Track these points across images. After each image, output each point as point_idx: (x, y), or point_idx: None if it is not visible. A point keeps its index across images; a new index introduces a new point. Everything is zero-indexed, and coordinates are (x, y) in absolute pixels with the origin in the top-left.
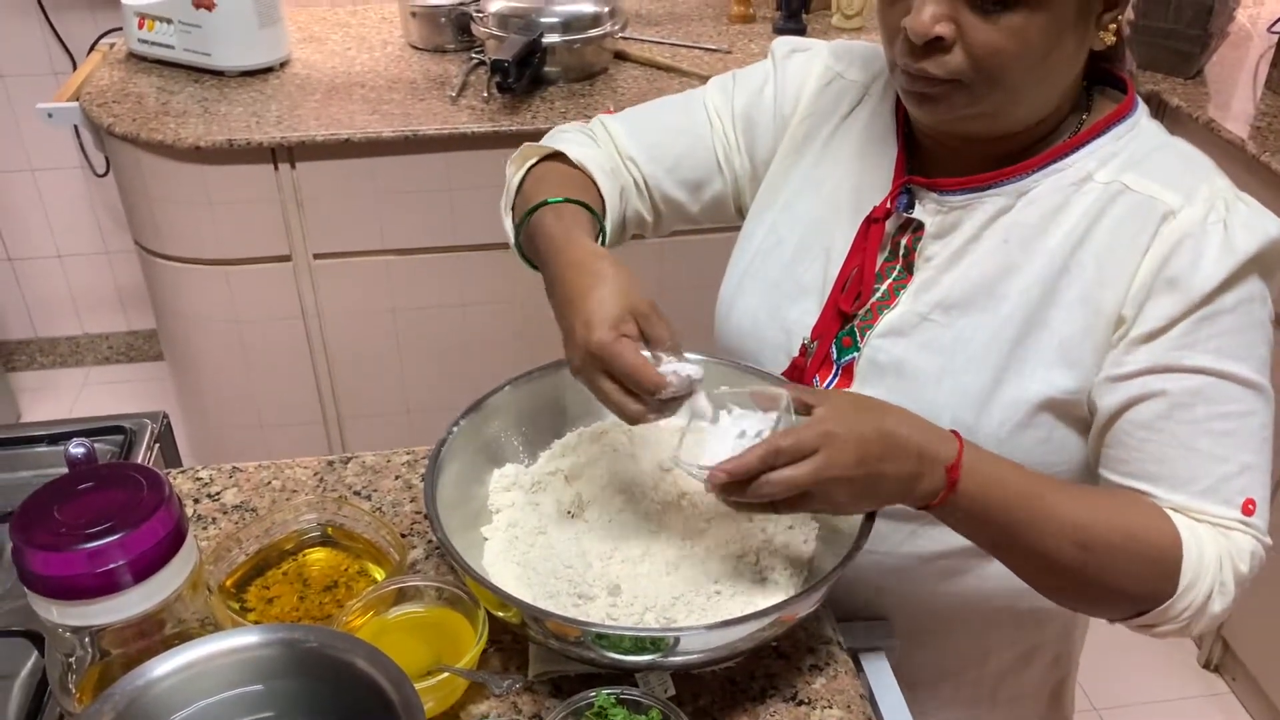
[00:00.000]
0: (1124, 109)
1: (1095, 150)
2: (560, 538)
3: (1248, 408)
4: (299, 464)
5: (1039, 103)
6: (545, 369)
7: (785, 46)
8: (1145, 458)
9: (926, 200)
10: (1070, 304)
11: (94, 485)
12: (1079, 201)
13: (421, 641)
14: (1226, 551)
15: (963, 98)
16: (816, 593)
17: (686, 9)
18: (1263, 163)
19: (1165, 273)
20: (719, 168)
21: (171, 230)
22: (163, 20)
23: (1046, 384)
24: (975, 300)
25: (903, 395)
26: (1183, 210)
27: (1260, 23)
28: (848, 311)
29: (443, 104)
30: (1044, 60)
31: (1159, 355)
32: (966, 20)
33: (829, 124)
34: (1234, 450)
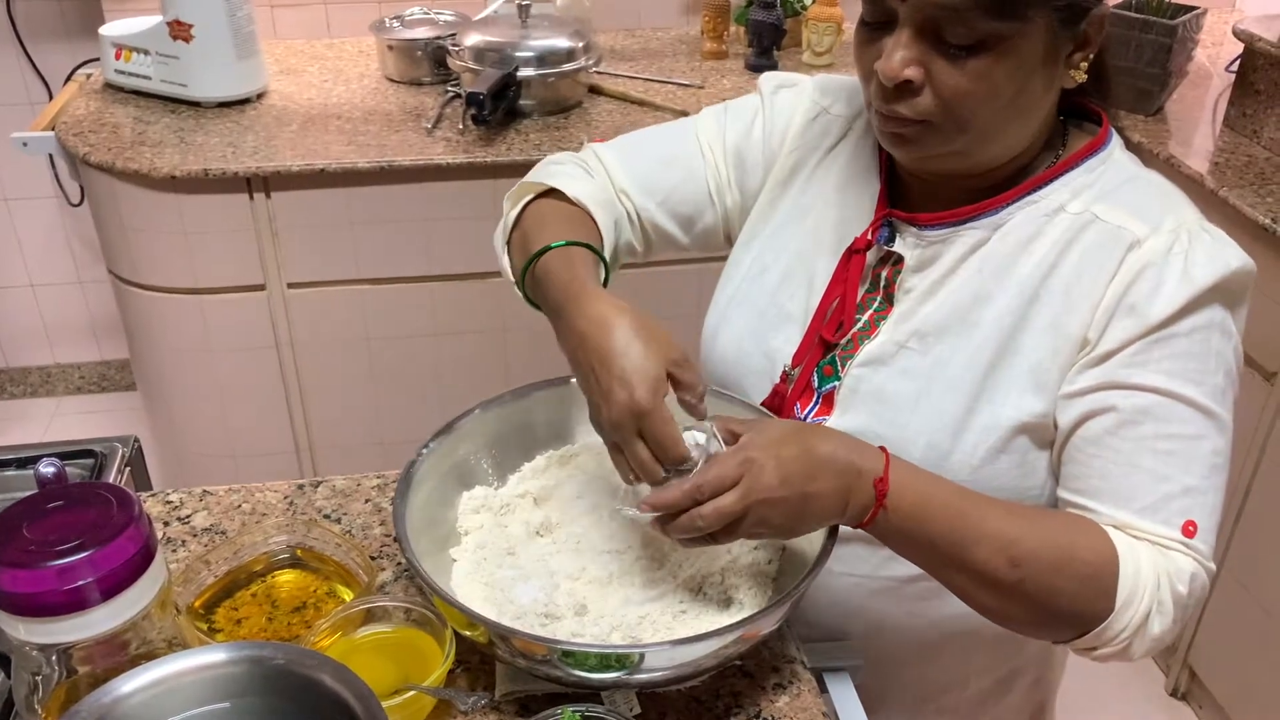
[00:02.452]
0: (1097, 142)
1: (1069, 182)
2: (528, 559)
3: (1196, 431)
4: (269, 487)
5: (1010, 141)
6: (515, 393)
7: (772, 82)
8: (1091, 473)
9: (906, 234)
10: (1041, 330)
11: (63, 504)
12: (1050, 231)
13: (389, 661)
14: (1165, 571)
15: (934, 138)
16: (779, 610)
17: (660, 45)
18: (1221, 197)
19: (1126, 299)
20: (711, 200)
21: (146, 259)
22: (140, 51)
23: (1019, 409)
24: (950, 328)
25: (881, 421)
26: (1148, 240)
27: (1219, 62)
28: (830, 340)
29: (418, 136)
30: (1012, 101)
31: (1110, 373)
32: (935, 64)
33: (814, 156)
34: (1178, 471)
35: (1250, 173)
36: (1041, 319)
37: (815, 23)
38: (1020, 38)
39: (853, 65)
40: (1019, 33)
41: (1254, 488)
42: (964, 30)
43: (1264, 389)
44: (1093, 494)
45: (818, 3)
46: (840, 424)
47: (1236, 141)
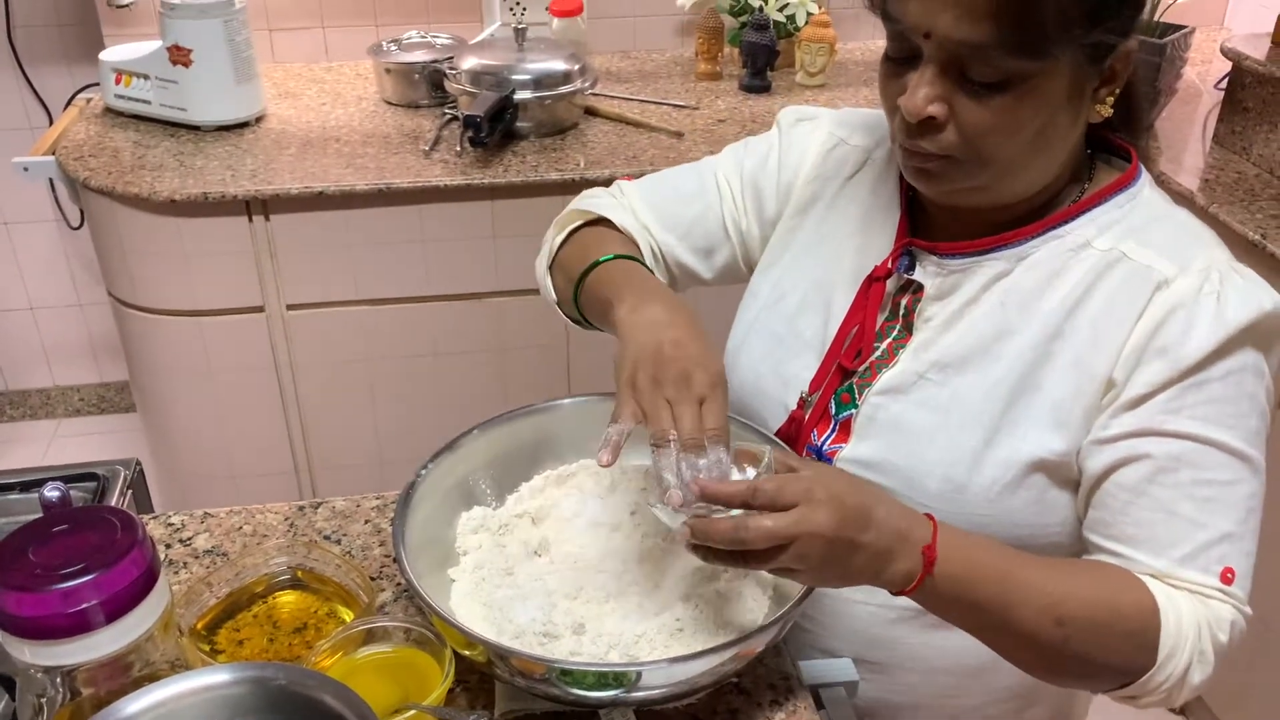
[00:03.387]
0: (1126, 179)
1: (1095, 217)
2: (526, 578)
3: (1232, 476)
4: (270, 509)
5: (1034, 176)
6: (512, 414)
7: (791, 116)
8: (1127, 521)
9: (927, 263)
10: (1063, 367)
11: (68, 528)
12: (1076, 267)
13: (390, 681)
14: (1205, 620)
15: (957, 173)
16: (774, 628)
17: (655, 67)
18: (1211, 214)
19: (1156, 341)
20: (727, 234)
21: (146, 282)
22: (140, 76)
23: (1038, 445)
24: (971, 360)
25: (897, 451)
26: (1177, 280)
27: (1209, 79)
28: (849, 368)
29: (416, 158)
30: (1036, 137)
31: (1144, 419)
32: (958, 101)
33: (833, 186)
34: (1215, 517)
35: (1240, 189)
36: (1065, 356)
37: (808, 44)
38: (1045, 76)
39: (844, 85)
40: (1044, 71)
41: None
42: (988, 68)
43: None
44: (1129, 541)
45: (810, 24)
46: (857, 452)
47: (1226, 158)
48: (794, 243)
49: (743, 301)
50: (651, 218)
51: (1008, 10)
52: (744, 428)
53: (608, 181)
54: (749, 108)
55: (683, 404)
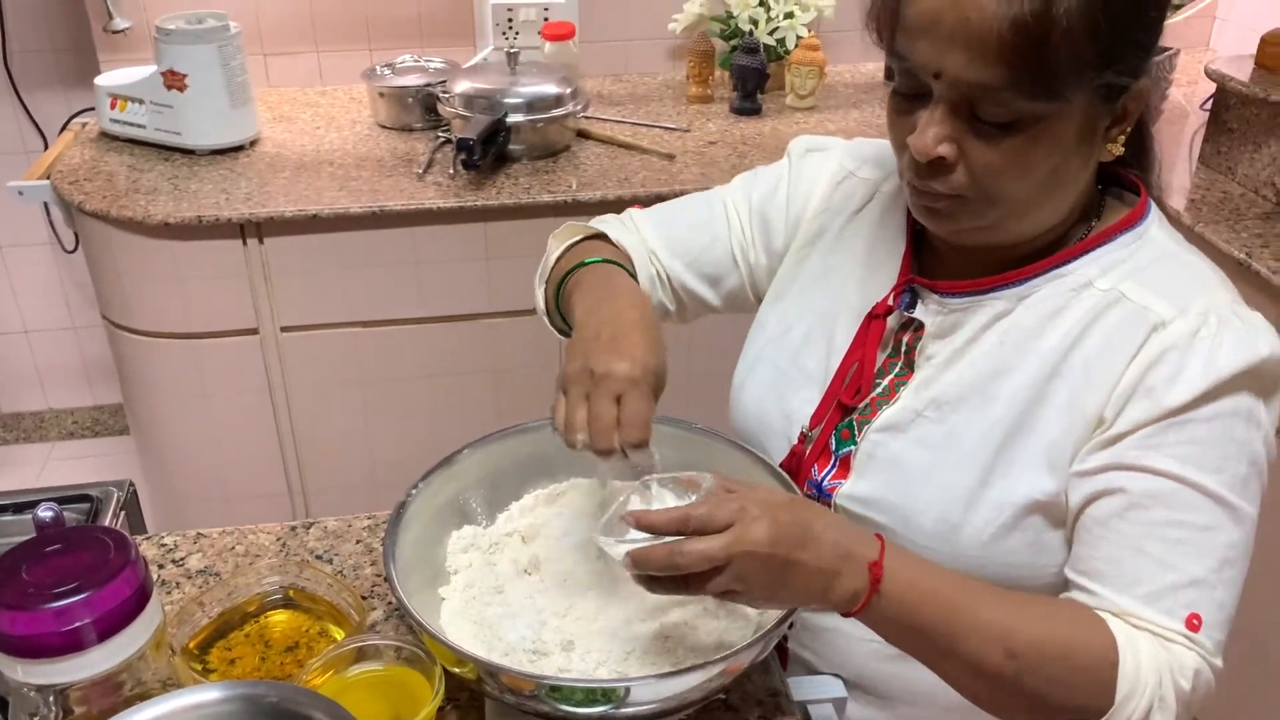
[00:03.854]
0: (1133, 217)
1: (1099, 257)
2: (516, 596)
3: (1209, 521)
4: (262, 529)
5: (1044, 216)
6: (503, 432)
7: (802, 146)
8: (1096, 555)
9: (929, 300)
10: (1058, 408)
11: (62, 547)
12: (1077, 306)
13: (380, 699)
14: (1167, 665)
15: (966, 212)
16: (761, 644)
17: (646, 90)
18: (1197, 233)
19: (1145, 381)
20: (735, 262)
21: (140, 305)
22: (135, 100)
23: (1032, 487)
24: (968, 399)
25: (894, 490)
26: (1173, 322)
27: (1195, 100)
28: (848, 404)
29: (409, 180)
30: (1047, 179)
31: (1121, 454)
32: (968, 142)
33: (840, 219)
34: (1185, 561)
35: (1225, 208)
36: (1060, 396)
37: (798, 66)
38: (1057, 117)
39: (834, 108)
40: (1056, 112)
41: None
42: (999, 109)
43: None
44: (1096, 576)
45: (800, 47)
46: (856, 489)
47: (1212, 178)
48: (801, 275)
49: (750, 333)
50: (660, 245)
51: (1020, 52)
52: (752, 459)
53: (600, 203)
54: (739, 130)
55: (599, 401)
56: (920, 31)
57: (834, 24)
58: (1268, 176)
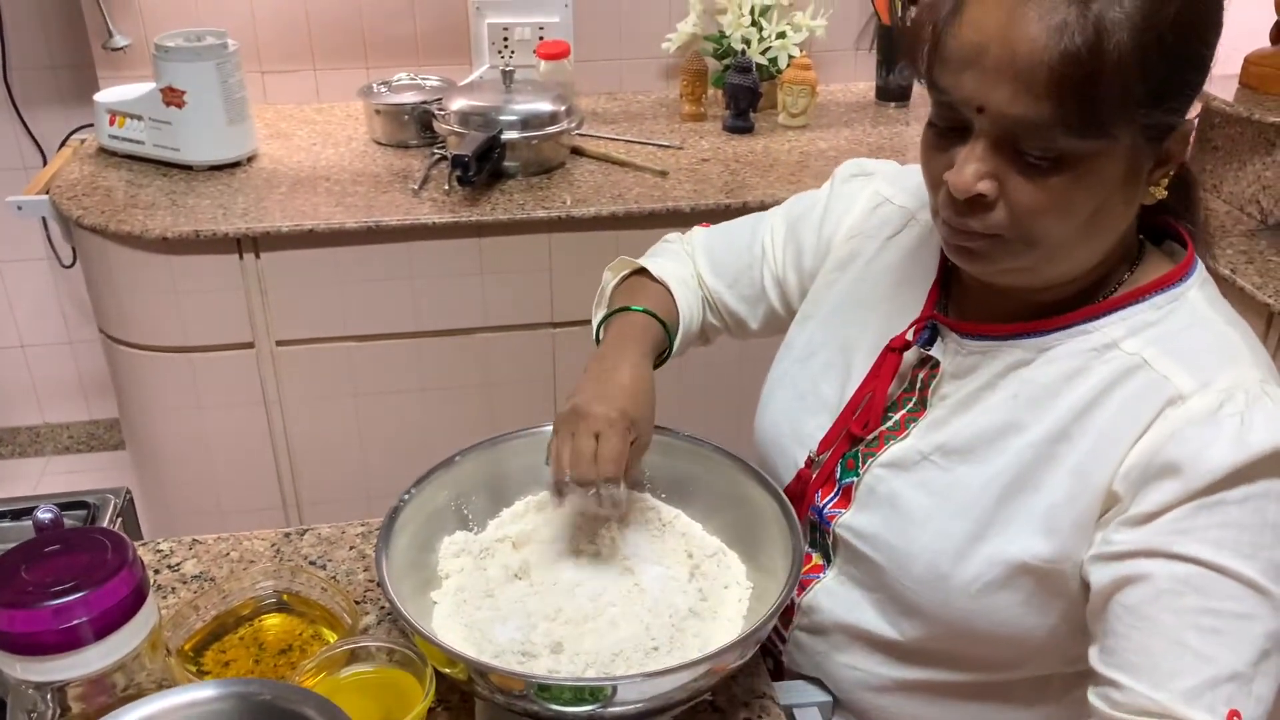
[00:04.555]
0: (1174, 275)
1: (1128, 316)
2: (506, 600)
3: (1247, 610)
4: (256, 535)
5: (1082, 258)
6: (493, 441)
7: (848, 171)
8: (1130, 647)
9: (948, 339)
10: (1063, 472)
11: (60, 548)
12: (1097, 370)
13: (372, 700)
14: None
15: (1003, 253)
16: (744, 643)
17: (640, 108)
18: None
19: (1163, 457)
20: (765, 288)
21: (137, 319)
22: (134, 117)
23: (1024, 549)
24: (975, 450)
25: (890, 529)
26: (1193, 397)
27: None
28: (857, 435)
29: (405, 196)
30: (1089, 221)
31: (1151, 538)
32: (1010, 179)
33: (872, 245)
34: (1224, 652)
35: (1210, 226)
36: (1067, 461)
37: (790, 85)
38: (1102, 156)
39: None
40: (1102, 151)
41: None
42: (1044, 146)
43: None
44: (1130, 669)
45: (792, 66)
46: (855, 521)
47: None
48: (829, 299)
49: (779, 351)
50: (706, 265)
51: (1070, 88)
52: (758, 480)
53: (593, 219)
54: (732, 148)
55: (581, 438)
56: (964, 64)
57: (826, 44)
58: (1252, 194)
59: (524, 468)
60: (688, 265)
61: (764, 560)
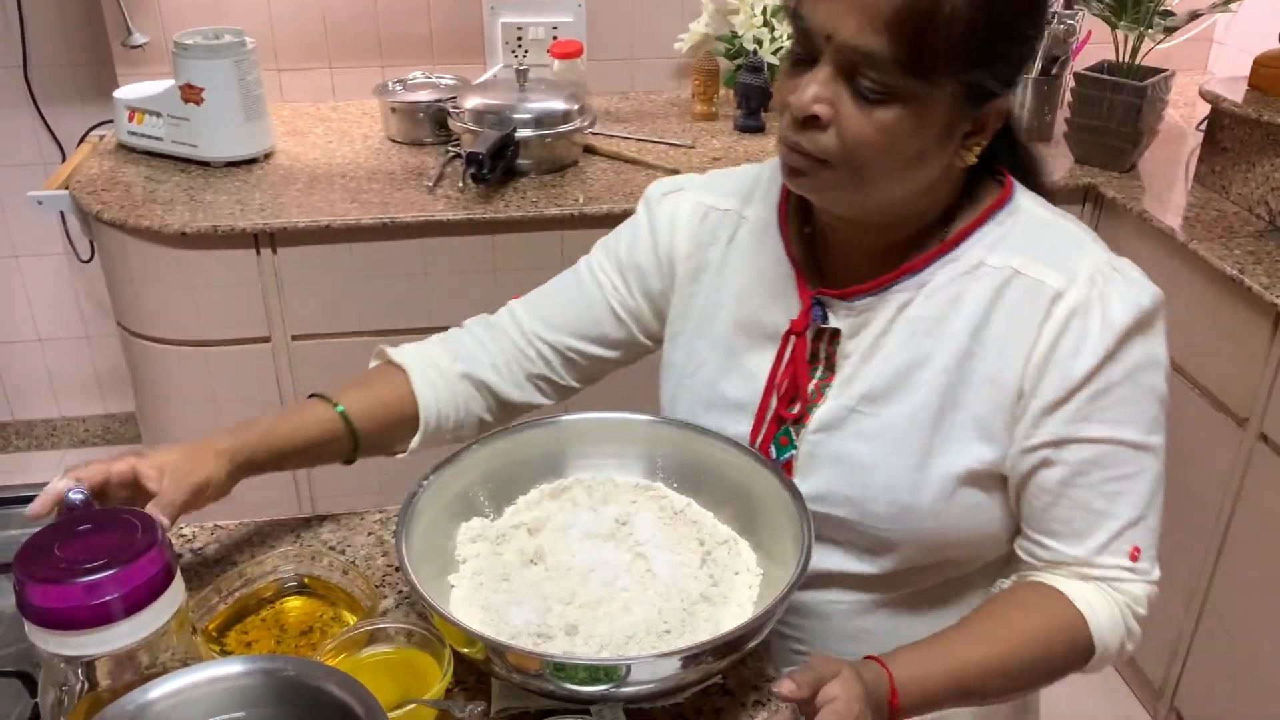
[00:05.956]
0: (1004, 197)
1: (982, 238)
2: (522, 584)
3: (1137, 468)
4: (277, 522)
5: (895, 195)
6: (509, 429)
7: (658, 191)
8: (1049, 518)
9: (837, 308)
10: (979, 384)
11: (92, 527)
12: (974, 288)
13: (391, 679)
14: (1123, 605)
15: (828, 177)
16: (754, 626)
17: (653, 107)
18: (1191, 250)
19: (1057, 351)
20: (616, 317)
21: (155, 313)
22: (152, 113)
23: (968, 458)
24: (895, 389)
25: (843, 483)
26: (1068, 291)
27: (1191, 121)
28: (788, 418)
29: (420, 193)
30: (907, 162)
31: (1059, 429)
32: (844, 106)
33: (717, 252)
34: (1124, 507)
35: (1219, 226)
36: (978, 373)
37: None
38: (926, 100)
39: None
40: (925, 95)
41: (1230, 531)
42: (877, 78)
43: (1236, 434)
44: (1051, 534)
45: None
46: (804, 488)
47: (1207, 197)
48: (693, 311)
49: (661, 374)
50: (541, 326)
51: (906, 27)
52: (768, 469)
53: (606, 216)
54: (743, 146)
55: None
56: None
57: None
58: (1261, 195)
59: (538, 456)
60: (482, 341)
61: (774, 548)
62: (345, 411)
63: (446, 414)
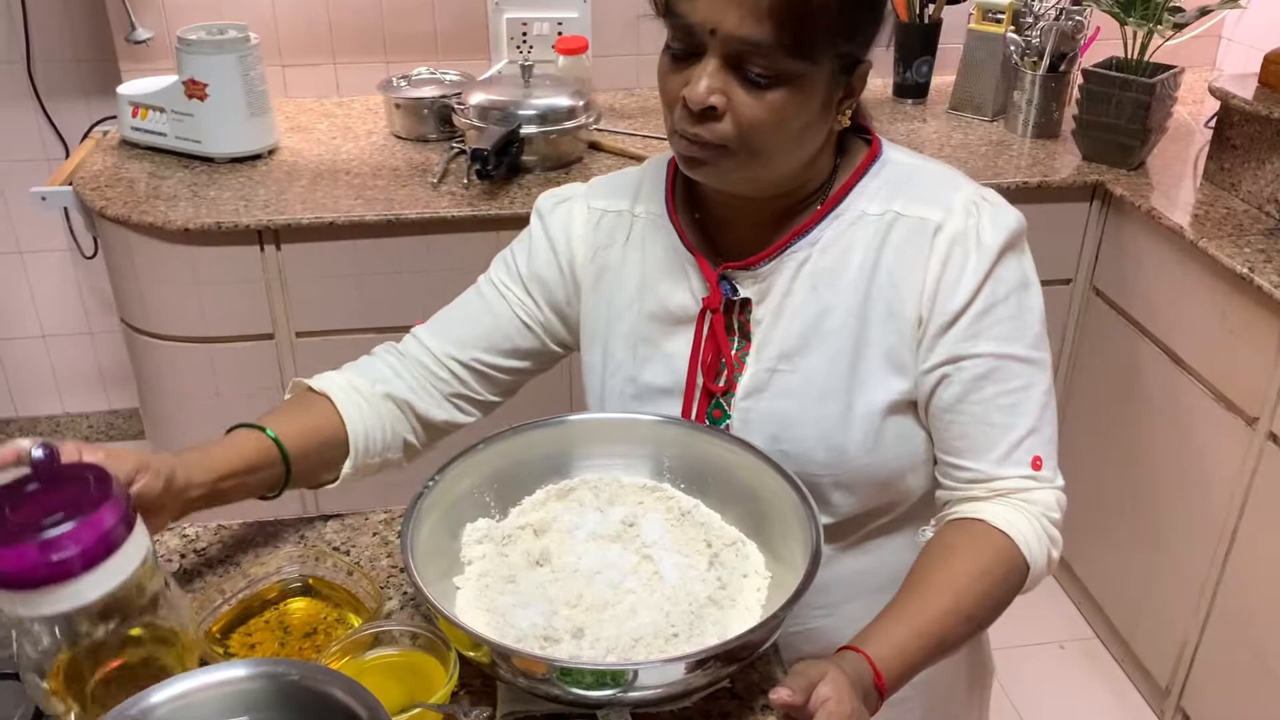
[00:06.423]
0: (873, 153)
1: (861, 191)
2: (528, 586)
3: (1027, 380)
4: (281, 522)
5: (789, 167)
6: (515, 430)
7: (548, 202)
8: (952, 435)
9: (742, 279)
10: (881, 322)
11: (41, 486)
12: (861, 236)
13: (396, 682)
14: (1038, 516)
15: (727, 161)
16: (762, 632)
17: (657, 104)
18: (1200, 248)
19: (945, 277)
20: (526, 326)
21: (158, 309)
22: (156, 109)
23: (887, 391)
24: (808, 342)
25: (780, 440)
26: (946, 222)
27: (1201, 118)
28: (717, 392)
29: (424, 190)
30: (797, 134)
31: (951, 348)
32: (736, 94)
33: (614, 251)
34: (1019, 418)
35: (1228, 224)
36: (879, 312)
37: None
38: (808, 79)
39: None
40: (808, 73)
41: (1240, 529)
42: (765, 65)
43: (1245, 433)
44: (956, 452)
45: None
46: None
47: (1216, 194)
48: (601, 313)
49: (584, 379)
50: (451, 346)
51: (786, 14)
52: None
53: None
54: None
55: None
56: None
57: None
58: (1270, 193)
59: (544, 457)
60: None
61: (782, 550)
62: (276, 437)
63: (374, 436)
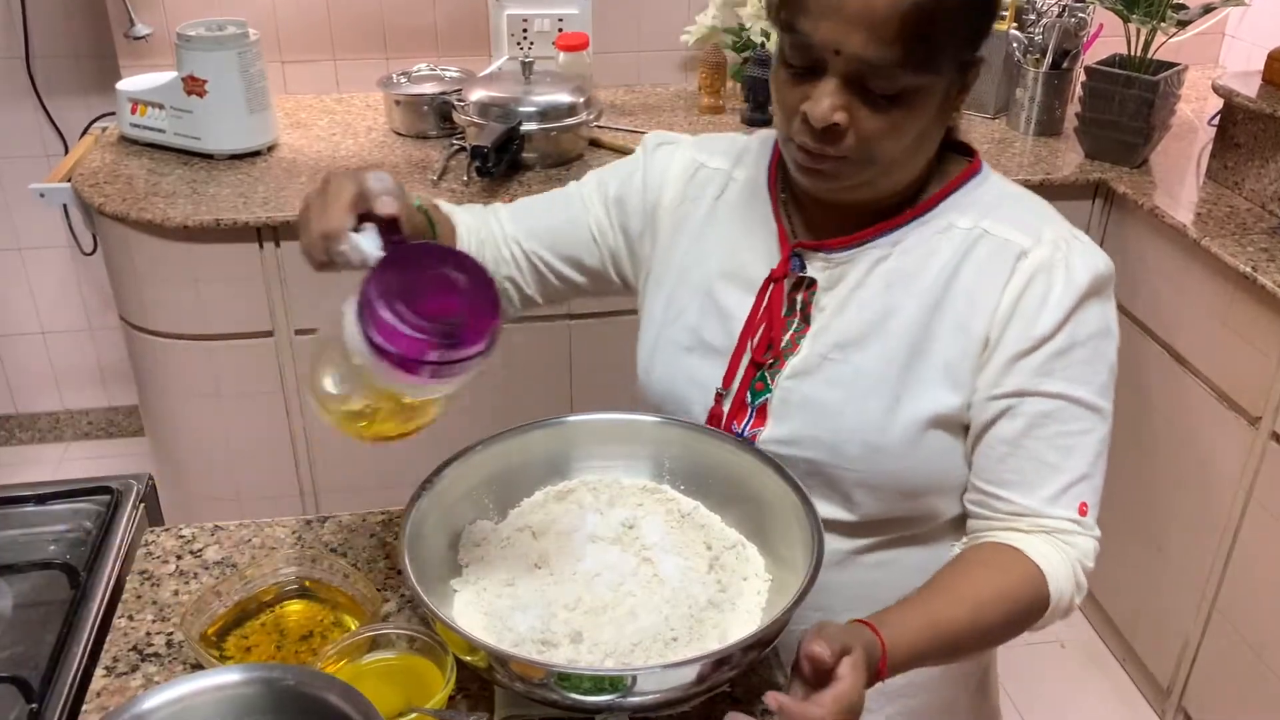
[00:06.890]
0: (973, 169)
1: (954, 203)
2: (526, 589)
3: (1087, 426)
4: (278, 523)
5: (908, 172)
6: (513, 431)
7: (654, 140)
8: (1005, 468)
9: (815, 259)
10: (947, 333)
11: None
12: (946, 246)
13: (393, 687)
14: (1073, 560)
15: (848, 171)
16: (764, 635)
17: (659, 100)
18: (1203, 247)
19: (1022, 304)
20: (594, 241)
21: (157, 306)
22: (155, 105)
23: (935, 402)
24: (866, 337)
25: (815, 426)
26: (1033, 250)
27: (1204, 116)
28: (761, 363)
29: (424, 187)
30: (917, 140)
31: (1021, 381)
32: (858, 110)
33: (702, 206)
34: (1074, 462)
35: (1232, 223)
36: (947, 323)
37: None
38: (931, 88)
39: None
40: (932, 83)
41: (1242, 529)
42: (889, 82)
43: (1248, 433)
44: (1004, 485)
45: None
46: (776, 433)
47: (1219, 192)
48: (675, 260)
49: (641, 322)
50: (520, 232)
51: (916, 34)
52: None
53: None
54: None
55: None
56: (823, 14)
57: None
58: (1274, 191)
59: (543, 458)
60: (495, 227)
61: (783, 553)
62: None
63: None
